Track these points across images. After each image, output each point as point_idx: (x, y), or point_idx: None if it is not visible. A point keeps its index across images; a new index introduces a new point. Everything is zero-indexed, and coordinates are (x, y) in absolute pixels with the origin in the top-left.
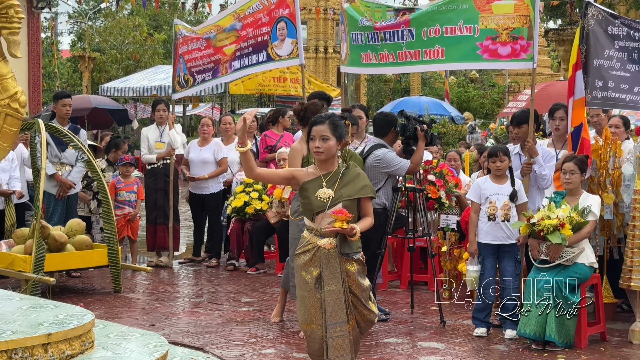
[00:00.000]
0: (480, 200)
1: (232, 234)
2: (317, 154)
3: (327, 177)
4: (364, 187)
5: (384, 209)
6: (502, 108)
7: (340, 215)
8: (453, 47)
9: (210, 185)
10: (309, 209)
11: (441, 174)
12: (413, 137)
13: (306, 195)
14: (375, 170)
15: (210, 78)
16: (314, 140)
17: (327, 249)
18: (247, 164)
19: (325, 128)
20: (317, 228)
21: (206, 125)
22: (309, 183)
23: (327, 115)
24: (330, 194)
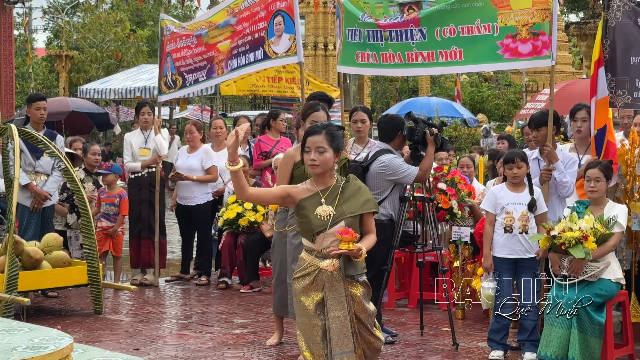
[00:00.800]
0: (495, 211)
1: (223, 248)
2: (312, 167)
3: (325, 192)
4: (366, 202)
5: (390, 221)
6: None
7: (346, 235)
8: (471, 48)
9: (196, 195)
10: (308, 228)
11: (453, 181)
12: (422, 142)
13: (304, 214)
14: (380, 177)
15: (204, 78)
16: (309, 152)
17: (329, 271)
18: (238, 184)
19: (322, 139)
20: (318, 249)
21: (189, 132)
22: (306, 200)
23: (324, 125)
24: (330, 212)
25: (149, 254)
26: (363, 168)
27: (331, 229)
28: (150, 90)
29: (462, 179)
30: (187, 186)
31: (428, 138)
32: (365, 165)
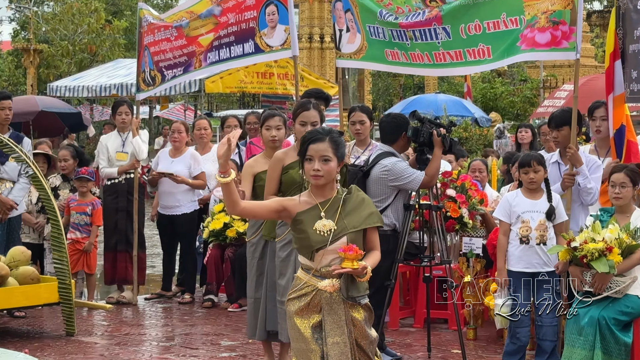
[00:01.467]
0: (510, 220)
1: (209, 262)
2: (315, 178)
3: (325, 205)
4: (370, 216)
5: (394, 231)
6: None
7: (350, 253)
8: (499, 44)
9: (182, 204)
10: (306, 245)
11: (463, 187)
12: (428, 144)
13: (301, 228)
14: (383, 183)
15: (180, 73)
16: (311, 162)
17: (329, 292)
18: (230, 198)
19: (326, 147)
20: (317, 268)
21: (177, 131)
22: (303, 214)
23: (326, 131)
24: (331, 226)
25: (126, 269)
26: (363, 173)
27: (332, 246)
28: (128, 87)
29: (474, 184)
30: (172, 194)
31: (435, 139)
32: (365, 170)
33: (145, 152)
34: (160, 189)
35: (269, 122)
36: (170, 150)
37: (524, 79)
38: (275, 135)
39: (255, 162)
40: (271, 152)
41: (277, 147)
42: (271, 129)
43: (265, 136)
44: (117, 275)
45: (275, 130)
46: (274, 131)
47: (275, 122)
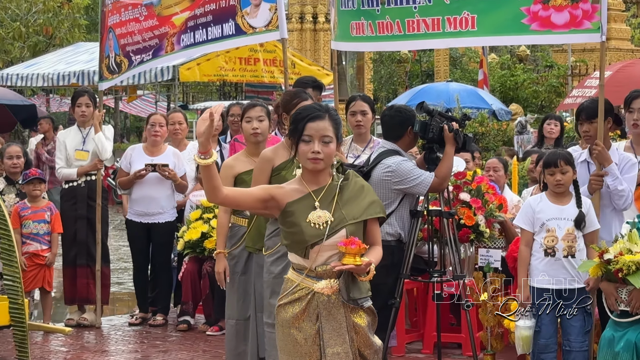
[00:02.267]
0: (533, 228)
1: (184, 278)
2: (315, 162)
3: (319, 194)
4: (371, 205)
5: (399, 242)
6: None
7: (352, 247)
8: (488, 15)
9: (165, 210)
10: (299, 240)
11: (479, 191)
12: (438, 140)
13: (293, 221)
14: (385, 186)
15: (149, 58)
16: (309, 143)
17: (326, 295)
18: (210, 182)
19: (327, 125)
20: (312, 267)
21: (159, 124)
22: (295, 204)
23: (324, 107)
24: (327, 218)
25: (87, 286)
26: (363, 174)
27: (329, 240)
28: (90, 75)
29: (491, 187)
30: (154, 199)
31: (446, 135)
32: (366, 171)
33: (110, 150)
34: (137, 192)
35: (249, 114)
36: (145, 147)
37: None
38: (257, 128)
39: (236, 162)
40: (254, 148)
41: (260, 142)
42: (252, 120)
43: (245, 130)
44: (77, 294)
45: (257, 122)
46: (255, 123)
47: (257, 113)
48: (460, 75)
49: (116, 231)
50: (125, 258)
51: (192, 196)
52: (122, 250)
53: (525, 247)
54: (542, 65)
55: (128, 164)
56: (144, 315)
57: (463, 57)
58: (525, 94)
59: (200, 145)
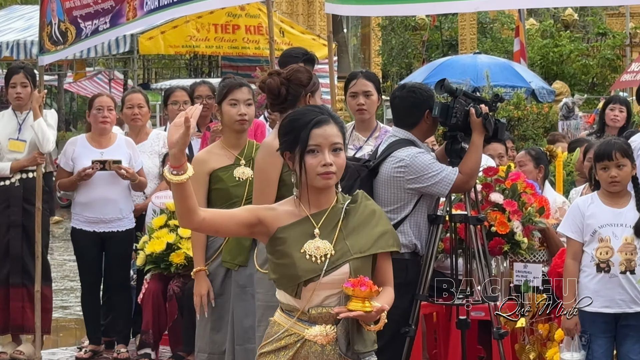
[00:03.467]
0: (583, 237)
1: (145, 301)
2: (327, 177)
3: (319, 218)
4: (383, 236)
5: (414, 255)
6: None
7: (362, 289)
8: None
9: (125, 215)
10: (290, 275)
11: (514, 190)
12: (463, 127)
13: (283, 251)
14: (397, 185)
15: (107, 27)
16: (318, 155)
17: (320, 345)
18: (185, 204)
19: (335, 130)
20: (304, 308)
21: (107, 108)
22: (287, 230)
23: (326, 110)
24: (327, 250)
25: (23, 311)
26: (369, 170)
27: (327, 278)
28: (27, 46)
29: (529, 185)
30: (110, 202)
31: (473, 121)
32: (372, 166)
33: (53, 140)
34: (86, 194)
35: (235, 95)
36: (90, 137)
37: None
38: (244, 114)
39: (210, 155)
40: (234, 138)
41: (244, 129)
42: (239, 104)
43: (230, 115)
44: (11, 321)
45: (245, 106)
46: (243, 107)
47: (245, 95)
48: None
49: (60, 242)
50: (72, 276)
51: (155, 198)
52: (67, 266)
53: (572, 260)
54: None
55: (70, 160)
56: (95, 348)
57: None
58: (573, 68)
59: (172, 157)
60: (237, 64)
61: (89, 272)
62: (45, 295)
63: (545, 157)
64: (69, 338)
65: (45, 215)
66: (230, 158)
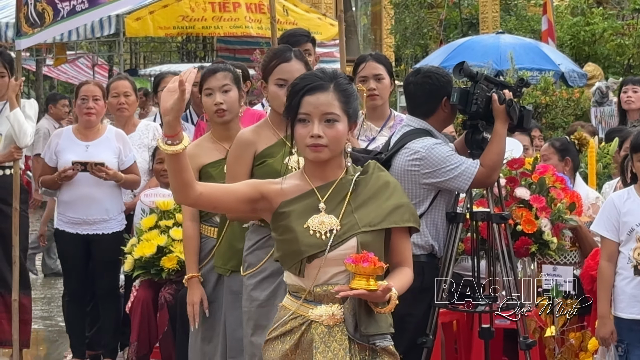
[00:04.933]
0: (619, 236)
1: (134, 310)
2: (315, 149)
3: (326, 191)
4: (397, 209)
5: (431, 257)
6: None
7: (364, 265)
8: None
9: (112, 216)
10: (293, 251)
11: (542, 184)
12: (485, 115)
13: (286, 225)
14: (412, 179)
15: (85, 7)
16: (307, 124)
17: (326, 326)
18: (180, 177)
19: (332, 99)
20: (310, 288)
21: (92, 97)
22: (291, 204)
23: (330, 74)
24: (333, 225)
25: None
26: (381, 162)
27: (333, 253)
28: (2, 29)
29: (559, 179)
30: (96, 201)
31: (496, 108)
32: (384, 158)
33: (31, 133)
34: (70, 193)
35: (208, 83)
36: (76, 129)
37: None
38: (220, 102)
39: (199, 149)
40: (222, 130)
41: (227, 121)
42: (213, 92)
43: (207, 106)
44: None
45: (220, 93)
46: (219, 95)
47: (219, 82)
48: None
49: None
50: (53, 283)
51: (144, 196)
52: None
53: (607, 262)
54: (630, 9)
55: (53, 155)
56: None
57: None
58: (606, 49)
59: (167, 125)
60: (235, 47)
61: (72, 279)
62: (23, 305)
63: (573, 148)
64: (50, 352)
65: (24, 217)
66: (221, 152)
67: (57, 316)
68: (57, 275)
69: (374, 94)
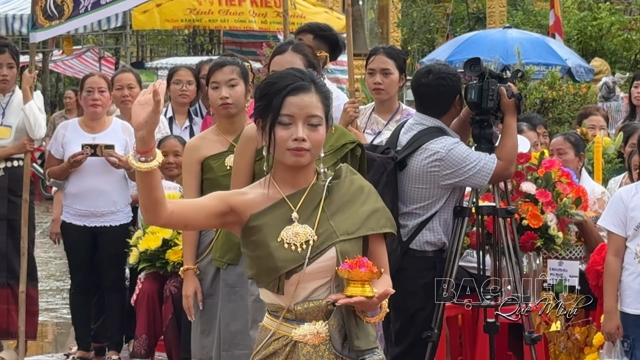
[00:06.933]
0: (626, 231)
1: (139, 303)
2: (297, 153)
3: (297, 200)
4: (373, 214)
5: (441, 251)
6: None
7: (362, 270)
8: None
9: (119, 208)
10: (268, 268)
11: (548, 179)
12: (494, 111)
13: (258, 241)
14: (432, 181)
15: (110, 0)
16: (290, 127)
17: (311, 346)
18: (151, 195)
19: (315, 100)
20: (289, 305)
21: (98, 89)
22: (261, 217)
23: (309, 75)
24: (308, 235)
25: (7, 314)
26: (396, 162)
27: (312, 266)
28: (8, 21)
29: (565, 174)
30: (103, 193)
31: (506, 102)
32: (399, 159)
33: (44, 125)
34: (77, 185)
35: (215, 77)
36: (82, 122)
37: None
38: (226, 97)
39: (203, 142)
40: (227, 123)
41: (232, 114)
42: (220, 86)
43: (213, 99)
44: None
45: (227, 88)
46: (224, 90)
47: (226, 76)
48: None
49: (44, 238)
50: (58, 275)
51: None
52: (53, 264)
53: (614, 257)
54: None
55: (60, 146)
56: (84, 355)
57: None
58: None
59: (140, 141)
60: (241, 40)
61: (79, 271)
62: (31, 296)
63: (583, 143)
64: (56, 344)
65: (32, 208)
66: (224, 145)
67: (63, 308)
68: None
69: (379, 88)
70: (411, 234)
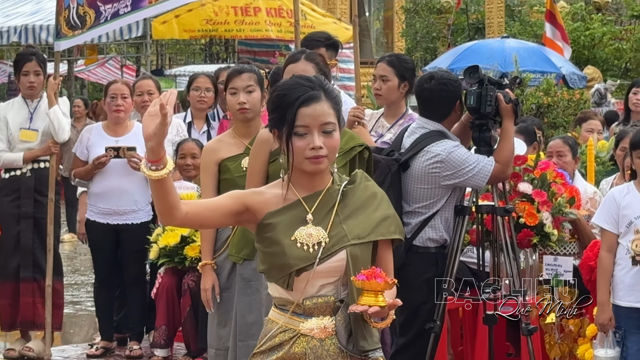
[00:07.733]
0: (618, 229)
1: (159, 296)
2: (316, 161)
3: (313, 202)
4: (384, 221)
5: (442, 248)
6: None
7: (377, 281)
8: None
9: (140, 207)
10: (280, 265)
11: (544, 180)
12: (493, 116)
13: (272, 238)
14: (433, 181)
15: (128, 10)
16: (306, 137)
17: (317, 339)
18: (166, 201)
19: (327, 107)
20: (299, 301)
21: (121, 95)
22: (277, 215)
23: (318, 82)
24: (321, 237)
25: (34, 306)
26: (399, 164)
27: (322, 266)
28: (35, 31)
29: (559, 175)
30: (125, 192)
31: (504, 107)
32: (402, 160)
33: (68, 129)
34: (100, 184)
35: (233, 83)
36: (105, 126)
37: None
38: (244, 102)
39: (220, 144)
40: (243, 127)
41: (249, 119)
42: (238, 92)
43: (231, 104)
44: (20, 317)
45: (244, 94)
46: (242, 95)
47: (244, 82)
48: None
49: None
50: (82, 270)
51: None
52: (77, 260)
53: (607, 253)
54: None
55: (85, 149)
56: (107, 345)
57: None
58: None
59: (150, 151)
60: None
61: (102, 266)
62: (56, 289)
63: (576, 148)
64: (80, 335)
65: (57, 207)
66: (240, 147)
67: (87, 301)
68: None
69: (377, 93)
70: (414, 231)
